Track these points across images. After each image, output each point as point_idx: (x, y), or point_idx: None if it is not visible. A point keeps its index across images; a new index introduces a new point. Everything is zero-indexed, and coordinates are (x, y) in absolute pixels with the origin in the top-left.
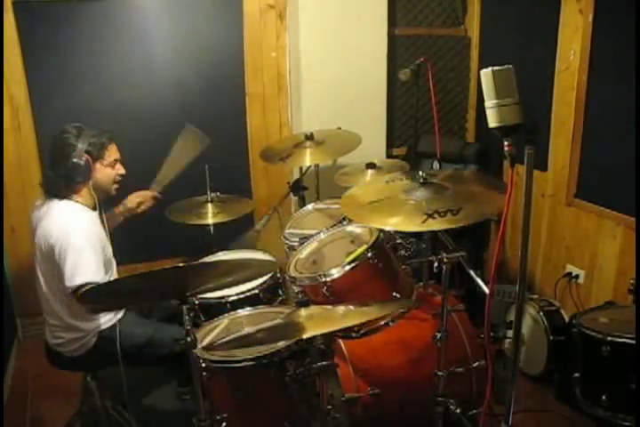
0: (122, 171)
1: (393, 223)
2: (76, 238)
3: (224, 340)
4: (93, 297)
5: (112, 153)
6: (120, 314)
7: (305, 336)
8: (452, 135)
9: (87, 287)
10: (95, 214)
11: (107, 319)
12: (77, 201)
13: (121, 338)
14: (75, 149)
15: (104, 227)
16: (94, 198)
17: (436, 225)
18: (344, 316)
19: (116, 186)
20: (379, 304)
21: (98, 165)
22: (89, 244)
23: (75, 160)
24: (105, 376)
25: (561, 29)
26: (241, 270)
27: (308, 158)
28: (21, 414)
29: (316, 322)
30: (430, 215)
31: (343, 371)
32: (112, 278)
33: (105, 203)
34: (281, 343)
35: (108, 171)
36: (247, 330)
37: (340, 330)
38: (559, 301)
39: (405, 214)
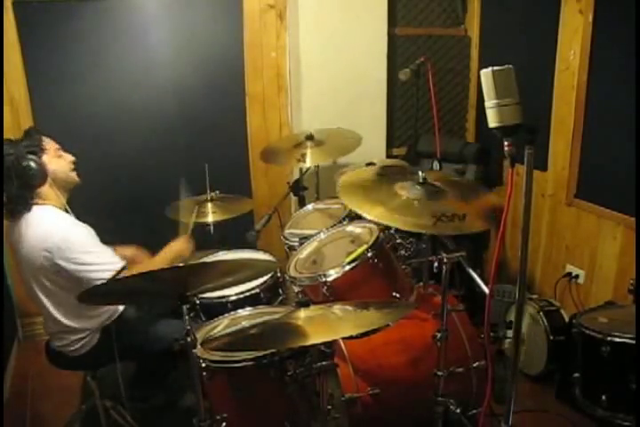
0: (71, 157)
1: (405, 222)
2: (76, 236)
3: (221, 333)
4: (93, 297)
5: (49, 144)
6: (120, 310)
7: (303, 344)
8: (451, 135)
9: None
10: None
11: (107, 316)
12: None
13: (122, 333)
14: (16, 156)
15: None
16: (61, 199)
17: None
18: (344, 320)
19: (74, 173)
20: (379, 309)
21: (46, 158)
22: (89, 234)
23: (24, 164)
24: (105, 376)
25: (561, 29)
26: (241, 270)
27: (308, 158)
28: (21, 414)
29: (316, 328)
30: (439, 219)
31: (343, 371)
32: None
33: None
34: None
35: (58, 160)
36: (244, 324)
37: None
38: (559, 301)
39: (413, 216)
